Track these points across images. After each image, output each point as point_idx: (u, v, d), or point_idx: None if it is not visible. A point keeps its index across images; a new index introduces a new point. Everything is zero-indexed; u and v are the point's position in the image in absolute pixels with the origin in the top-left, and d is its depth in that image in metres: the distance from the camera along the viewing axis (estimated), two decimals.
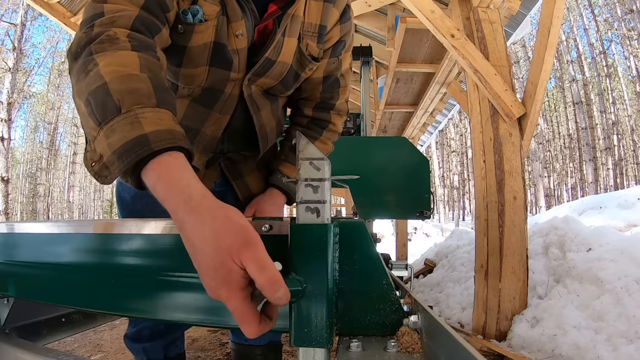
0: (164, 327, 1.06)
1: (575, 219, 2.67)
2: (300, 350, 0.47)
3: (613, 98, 18.29)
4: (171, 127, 0.47)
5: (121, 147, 0.45)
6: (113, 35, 0.54)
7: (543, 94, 2.14)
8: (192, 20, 0.73)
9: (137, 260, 0.63)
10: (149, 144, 0.44)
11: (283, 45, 0.83)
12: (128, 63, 0.51)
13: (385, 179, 2.34)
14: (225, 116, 0.87)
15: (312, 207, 0.47)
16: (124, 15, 0.58)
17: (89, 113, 0.49)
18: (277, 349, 1.16)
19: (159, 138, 0.45)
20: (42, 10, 3.54)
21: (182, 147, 0.47)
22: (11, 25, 14.14)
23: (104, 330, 2.56)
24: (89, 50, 0.53)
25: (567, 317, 1.90)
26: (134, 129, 0.45)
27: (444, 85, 3.72)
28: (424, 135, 5.96)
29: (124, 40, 0.54)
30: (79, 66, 0.52)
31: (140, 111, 0.46)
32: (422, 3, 2.15)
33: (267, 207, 0.94)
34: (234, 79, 0.82)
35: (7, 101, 12.60)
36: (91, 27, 0.56)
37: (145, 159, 0.45)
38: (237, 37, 0.77)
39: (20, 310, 0.92)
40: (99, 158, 0.48)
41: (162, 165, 0.45)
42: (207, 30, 0.75)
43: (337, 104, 1.01)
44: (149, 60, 0.53)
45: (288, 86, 0.91)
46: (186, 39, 0.74)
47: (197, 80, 0.80)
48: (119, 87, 0.48)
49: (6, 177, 11.88)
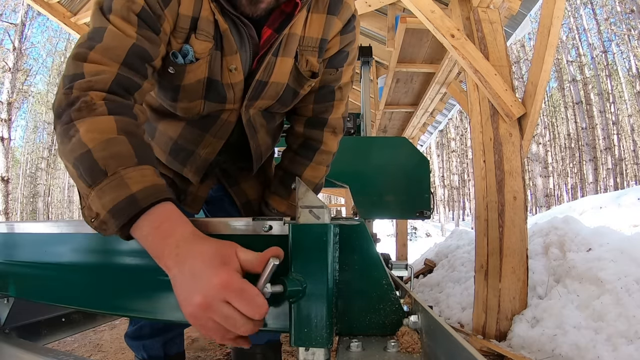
0: (164, 325, 1.06)
1: (575, 219, 2.67)
2: (300, 350, 0.47)
3: (613, 98, 18.28)
4: (154, 182, 0.53)
5: (114, 207, 0.51)
6: (90, 102, 0.57)
7: (543, 94, 2.14)
8: (183, 61, 0.72)
9: (137, 260, 0.63)
10: (137, 203, 0.50)
11: (275, 66, 0.79)
12: (106, 129, 0.55)
13: (385, 179, 2.34)
14: (220, 140, 0.87)
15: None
16: (101, 79, 0.59)
17: (78, 175, 0.54)
18: (276, 347, 1.17)
19: (145, 195, 0.51)
20: (42, 10, 3.54)
21: (166, 198, 0.53)
22: (11, 25, 14.13)
23: (104, 330, 2.56)
24: (68, 116, 0.56)
25: (567, 317, 1.90)
26: (121, 189, 0.51)
27: (444, 85, 3.72)
28: (424, 135, 5.95)
29: (100, 105, 0.57)
30: (62, 130, 0.57)
31: (125, 172, 0.52)
32: (422, 3, 2.15)
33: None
34: (230, 109, 0.82)
35: (7, 101, 12.59)
36: (70, 89, 0.58)
37: (136, 216, 0.51)
38: (231, 71, 0.76)
39: (20, 310, 0.92)
40: (96, 215, 0.53)
41: (147, 222, 0.51)
42: (200, 68, 0.74)
43: (331, 119, 0.93)
44: (125, 122, 0.57)
45: (287, 104, 0.88)
46: (179, 79, 0.74)
47: (194, 111, 0.81)
48: (102, 154, 0.53)
49: (6, 177, 11.88)
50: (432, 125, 5.52)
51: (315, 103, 0.91)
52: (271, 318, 0.54)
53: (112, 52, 0.61)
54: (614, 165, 17.28)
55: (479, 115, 2.27)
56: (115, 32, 0.62)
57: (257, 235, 0.57)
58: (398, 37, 3.16)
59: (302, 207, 0.48)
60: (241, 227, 0.58)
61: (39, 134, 24.50)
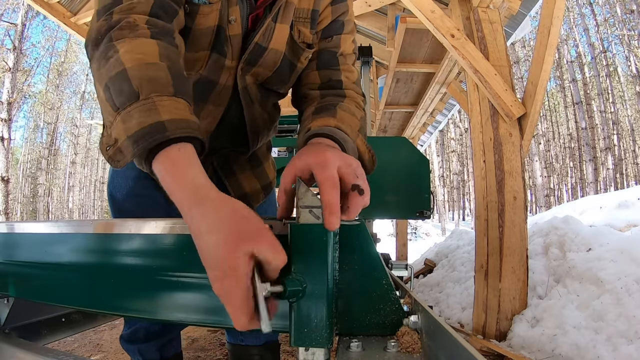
0: (159, 328, 1.05)
1: (575, 219, 2.67)
2: (300, 350, 0.47)
3: (613, 98, 18.29)
4: (187, 116, 0.48)
5: (137, 132, 0.46)
6: (133, 22, 0.55)
7: (543, 94, 2.14)
8: (198, 0, 0.71)
9: (137, 260, 0.63)
10: (164, 132, 0.46)
11: (274, 32, 0.79)
12: (147, 51, 0.52)
13: (385, 179, 2.34)
14: (219, 108, 0.85)
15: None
16: (143, 1, 0.58)
17: (107, 99, 0.50)
18: (274, 348, 1.15)
19: (175, 126, 0.46)
20: (42, 10, 3.54)
21: (195, 138, 0.48)
22: (11, 25, 14.13)
23: (104, 330, 2.56)
24: (109, 37, 0.53)
25: (567, 317, 1.90)
26: (150, 115, 0.46)
27: (444, 85, 3.72)
28: (424, 135, 5.96)
29: (143, 27, 0.55)
30: (100, 53, 0.53)
31: (158, 99, 0.48)
32: (422, 3, 2.15)
33: (324, 152, 0.52)
34: (228, 67, 0.80)
35: (7, 101, 12.59)
36: (110, 15, 0.56)
37: (160, 146, 0.46)
38: (230, 23, 0.75)
39: (20, 310, 0.92)
40: (114, 142, 0.49)
41: (171, 159, 0.46)
42: (212, 14, 0.73)
43: (344, 82, 0.84)
44: (168, 49, 0.54)
45: (284, 78, 0.87)
46: (191, 20, 0.72)
47: (197, 66, 0.78)
48: (138, 74, 0.49)
49: (6, 177, 11.88)
50: (432, 125, 5.53)
51: (319, 69, 0.86)
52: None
53: None
54: (614, 165, 17.29)
55: (479, 115, 2.27)
56: None
57: None
58: (398, 37, 3.16)
59: (301, 207, 0.47)
60: None
61: (39, 134, 24.53)
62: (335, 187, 0.46)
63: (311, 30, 0.84)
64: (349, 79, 0.85)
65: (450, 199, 25.90)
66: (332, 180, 0.47)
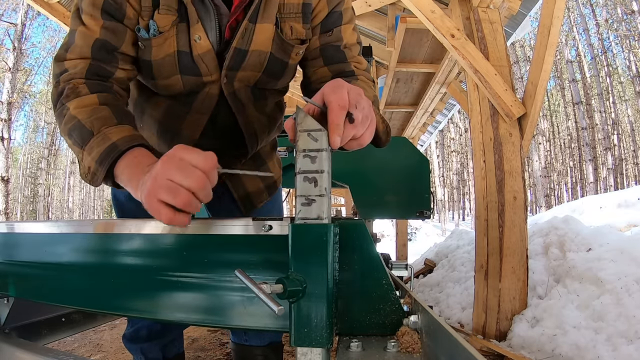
0: (161, 328, 1.05)
1: (575, 219, 2.67)
2: (300, 350, 0.47)
3: (613, 98, 18.28)
4: (131, 133, 0.63)
5: (100, 156, 0.60)
6: (74, 87, 0.70)
7: (543, 94, 2.14)
8: (147, 35, 0.74)
9: (137, 260, 0.63)
10: (117, 148, 0.60)
11: (254, 33, 0.77)
12: (89, 103, 0.67)
13: (385, 179, 2.34)
14: (203, 116, 0.85)
15: (310, 177, 0.47)
16: (79, 70, 0.71)
17: (73, 142, 0.65)
18: (278, 349, 1.15)
19: (123, 142, 0.61)
20: (42, 10, 3.54)
21: (141, 144, 0.61)
22: (11, 25, 14.13)
23: (104, 330, 2.56)
24: (61, 101, 0.69)
25: (567, 317, 1.90)
26: (105, 142, 0.61)
27: (444, 85, 3.72)
28: (424, 135, 5.96)
29: (82, 87, 0.70)
30: (58, 112, 0.69)
31: (107, 130, 0.63)
32: (422, 3, 2.15)
33: (337, 79, 0.56)
34: (209, 81, 0.81)
35: (7, 101, 12.59)
36: (58, 82, 0.72)
37: (117, 160, 0.60)
38: (196, 41, 0.76)
39: (20, 310, 0.92)
40: (88, 170, 0.63)
41: (125, 163, 0.59)
42: (167, 42, 0.75)
43: (355, 70, 0.84)
44: (105, 97, 0.69)
45: (276, 76, 0.86)
46: (149, 54, 0.77)
47: (175, 88, 0.82)
48: (89, 119, 0.64)
49: (6, 177, 11.88)
50: (432, 125, 5.53)
51: (327, 65, 0.84)
52: (271, 318, 0.55)
53: (81, 50, 0.72)
54: (614, 165, 17.29)
55: (479, 115, 2.27)
56: (83, 32, 0.72)
57: (257, 236, 0.57)
58: (398, 37, 3.16)
59: (300, 132, 0.48)
60: (241, 228, 0.58)
61: (39, 134, 24.54)
62: (342, 107, 0.50)
63: (304, 25, 0.81)
64: (359, 68, 0.85)
65: (450, 199, 25.89)
66: (339, 100, 0.50)
